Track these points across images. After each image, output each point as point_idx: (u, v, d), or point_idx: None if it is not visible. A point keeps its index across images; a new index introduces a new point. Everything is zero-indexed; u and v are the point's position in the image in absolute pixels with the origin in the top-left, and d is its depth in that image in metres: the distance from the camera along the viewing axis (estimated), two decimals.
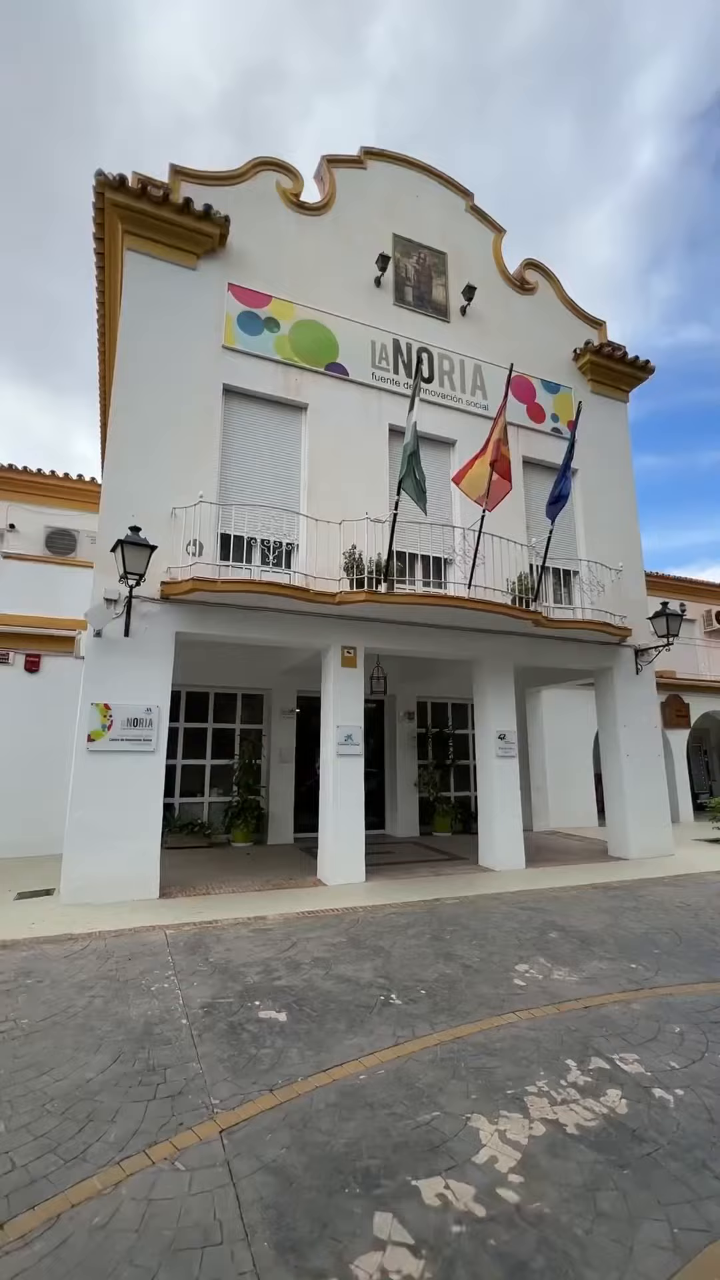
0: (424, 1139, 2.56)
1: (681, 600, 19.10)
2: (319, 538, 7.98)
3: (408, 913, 6.17)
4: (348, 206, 9.43)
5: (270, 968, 4.56)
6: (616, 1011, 3.84)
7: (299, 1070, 3.10)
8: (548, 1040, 3.44)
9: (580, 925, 5.74)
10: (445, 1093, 2.90)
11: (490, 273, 10.46)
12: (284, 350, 8.45)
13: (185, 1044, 3.37)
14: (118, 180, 7.53)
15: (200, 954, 4.86)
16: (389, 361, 9.17)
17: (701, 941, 5.29)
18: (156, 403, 7.54)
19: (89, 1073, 3.06)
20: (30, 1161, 2.40)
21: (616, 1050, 3.33)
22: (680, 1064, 3.19)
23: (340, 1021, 3.66)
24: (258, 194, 8.80)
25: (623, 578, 9.98)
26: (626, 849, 9.32)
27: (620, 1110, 2.78)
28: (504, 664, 8.94)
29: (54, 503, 12.61)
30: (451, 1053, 3.29)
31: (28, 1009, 3.81)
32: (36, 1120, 2.67)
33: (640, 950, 5.04)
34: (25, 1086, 2.93)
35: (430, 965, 4.64)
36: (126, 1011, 3.77)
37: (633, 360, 10.95)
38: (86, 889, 6.24)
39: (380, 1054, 3.27)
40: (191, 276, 8.11)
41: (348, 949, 5.01)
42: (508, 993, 4.12)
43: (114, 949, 4.96)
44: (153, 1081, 2.98)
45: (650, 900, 6.78)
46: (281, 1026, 3.59)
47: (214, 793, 10.69)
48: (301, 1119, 2.69)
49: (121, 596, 6.68)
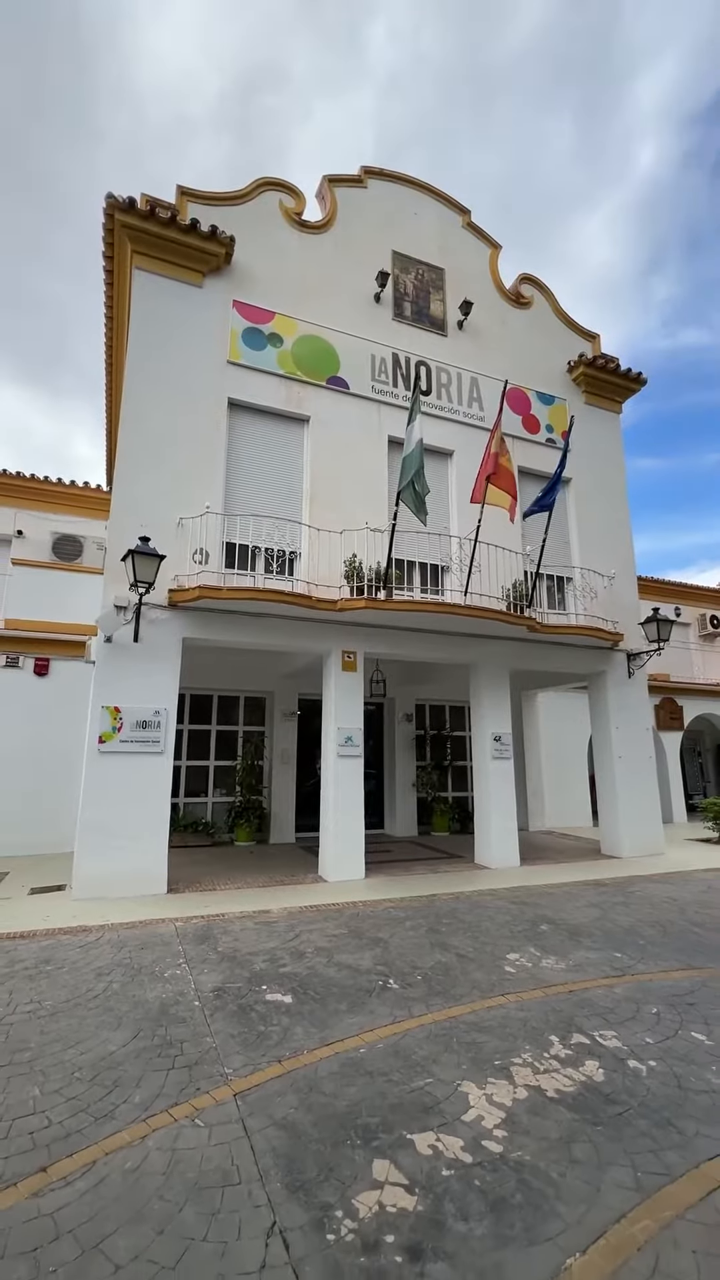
0: (418, 1101, 2.84)
1: (677, 604, 19.46)
2: (320, 546, 8.27)
3: (405, 907, 6.45)
4: (348, 224, 9.73)
5: (275, 956, 4.83)
6: (599, 995, 4.12)
7: (304, 1044, 3.38)
8: (534, 1019, 3.72)
9: (570, 919, 6.02)
10: (438, 1063, 3.18)
11: (487, 287, 10.77)
12: (287, 364, 8.74)
13: (199, 1022, 3.64)
14: (127, 202, 7.83)
15: (209, 944, 5.13)
16: (388, 375, 9.46)
17: (684, 933, 5.57)
18: (164, 416, 7.83)
19: (112, 1046, 3.34)
20: (64, 1119, 2.68)
21: (597, 1028, 3.61)
22: (655, 1040, 3.47)
23: (342, 1003, 3.93)
24: (261, 213, 9.10)
25: (615, 584, 10.28)
26: (619, 847, 9.60)
27: (597, 1078, 3.06)
28: (499, 668, 9.23)
29: (60, 509, 12.89)
30: (444, 1030, 3.57)
31: (50, 992, 4.09)
32: (67, 1085, 2.94)
33: (625, 941, 5.32)
34: (55, 1058, 3.21)
35: (426, 954, 4.91)
36: (143, 994, 4.05)
37: (625, 372, 11.26)
38: (98, 884, 6.51)
39: (379, 1031, 3.55)
40: (197, 294, 8.41)
41: (348, 940, 5.28)
42: (499, 978, 4.40)
43: (127, 939, 5.23)
44: (171, 1054, 3.26)
45: (639, 896, 7.05)
46: (287, 1007, 3.87)
47: (217, 793, 10.96)
48: (307, 1084, 2.96)
49: (131, 604, 6.96)
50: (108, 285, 8.97)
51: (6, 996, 4.00)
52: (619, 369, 11.21)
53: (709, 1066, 3.17)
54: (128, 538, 7.01)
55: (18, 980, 4.29)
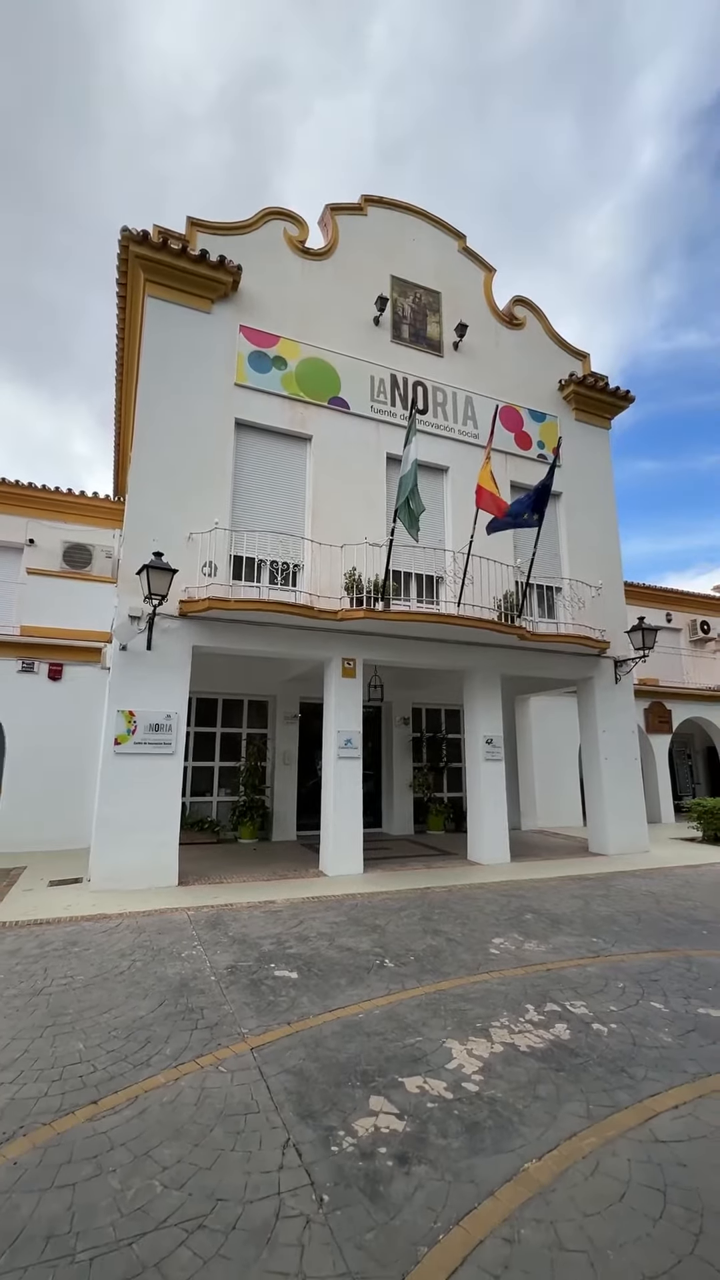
0: (408, 1054, 3.31)
1: (668, 610, 19.97)
2: (322, 559, 8.75)
3: (401, 899, 6.92)
4: (349, 250, 10.22)
5: (281, 940, 5.30)
6: (574, 972, 4.59)
7: (310, 1011, 3.85)
8: (513, 992, 4.19)
9: (553, 909, 6.50)
10: (427, 1025, 3.65)
11: (481, 309, 11.26)
12: (290, 386, 9.23)
13: (216, 993, 4.11)
14: (141, 235, 8.31)
15: (220, 929, 5.60)
16: (386, 395, 9.95)
17: (657, 922, 6.05)
18: (175, 437, 8.30)
19: (141, 1011, 3.80)
20: (107, 1066, 3.15)
21: (568, 999, 4.08)
22: (618, 1008, 3.94)
23: (343, 979, 4.40)
24: (267, 241, 9.59)
25: (603, 593, 10.76)
26: (605, 845, 10.07)
27: (564, 1037, 3.53)
28: (491, 674, 9.70)
29: (70, 518, 13.35)
30: (433, 1000, 4.04)
31: (80, 969, 4.55)
32: (107, 1041, 3.41)
33: (603, 928, 5.79)
34: (93, 1020, 3.67)
35: (419, 939, 5.39)
36: (164, 970, 4.52)
37: (614, 390, 11.75)
38: (114, 876, 6.98)
39: (375, 1001, 4.02)
40: (206, 319, 8.89)
41: (348, 926, 5.75)
42: (484, 959, 4.87)
43: (144, 925, 5.70)
44: (193, 1018, 3.73)
45: (620, 889, 7.53)
46: (294, 982, 4.34)
47: (222, 792, 11.43)
48: (313, 1041, 3.43)
49: (145, 614, 7.43)
50: (120, 310, 9.45)
51: (42, 973, 4.47)
52: (607, 387, 11.70)
53: (662, 1029, 3.64)
54: (142, 552, 7.49)
55: (50, 959, 4.76)
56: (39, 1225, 2.09)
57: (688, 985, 4.33)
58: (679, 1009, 3.92)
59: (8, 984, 4.25)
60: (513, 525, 8.86)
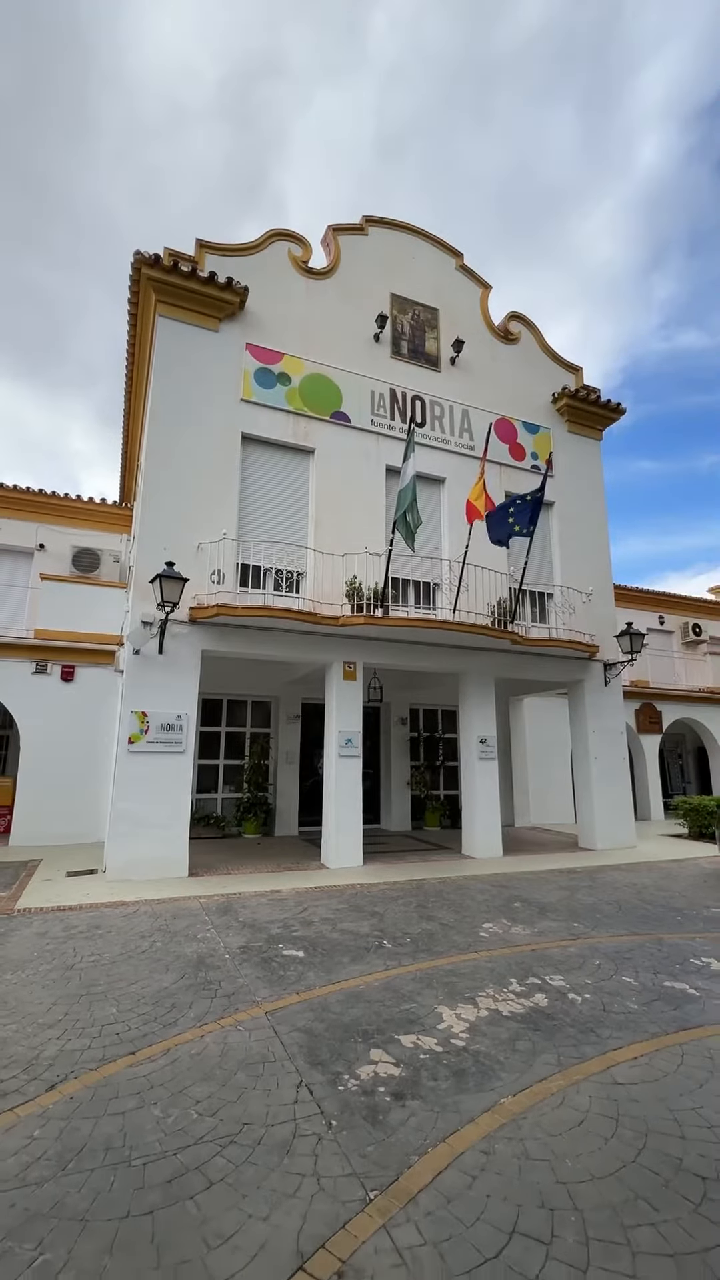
0: (404, 1017, 3.75)
1: (661, 613, 20.43)
2: (324, 566, 9.18)
3: (399, 888, 7.37)
4: (350, 269, 10.65)
5: (288, 924, 5.74)
6: (556, 952, 5.04)
7: (315, 983, 4.29)
8: (500, 968, 4.64)
9: (540, 898, 6.95)
10: (421, 995, 4.10)
11: (477, 325, 11.69)
12: (294, 401, 9.66)
13: (231, 968, 4.55)
14: (153, 258, 8.73)
15: (230, 915, 6.04)
16: (386, 409, 10.38)
17: (637, 909, 6.50)
18: (185, 451, 8.73)
19: (164, 983, 4.24)
20: (139, 1026, 3.58)
21: (549, 974, 4.53)
22: (593, 981, 4.39)
23: (345, 957, 4.85)
24: (271, 262, 10.01)
25: (593, 599, 11.21)
26: (594, 841, 10.52)
27: (542, 1004, 3.98)
28: (485, 677, 10.15)
29: (79, 524, 13.77)
30: (427, 974, 4.48)
31: (105, 948, 4.99)
32: (137, 1007, 3.85)
33: (585, 915, 6.24)
34: (122, 990, 4.11)
35: (415, 923, 5.83)
36: (182, 950, 4.96)
37: (605, 403, 12.19)
38: (128, 867, 7.41)
39: (375, 975, 4.46)
40: (214, 338, 9.31)
41: (349, 912, 6.20)
42: (474, 940, 5.32)
43: (160, 911, 6.14)
44: (212, 988, 4.17)
45: (604, 881, 7.98)
46: (301, 959, 4.78)
47: (226, 789, 11.86)
48: (320, 1007, 3.88)
49: (157, 620, 7.86)
50: (131, 328, 9.86)
51: (72, 951, 4.91)
52: (599, 400, 12.14)
53: (630, 998, 4.09)
54: (155, 562, 7.92)
55: (77, 940, 5.20)
56: (97, 1141, 2.53)
57: (657, 963, 4.78)
58: (647, 982, 4.37)
59: (42, 960, 4.68)
60: (509, 535, 9.31)
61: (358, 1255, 1.96)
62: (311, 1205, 2.18)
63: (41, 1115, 2.71)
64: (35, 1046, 3.32)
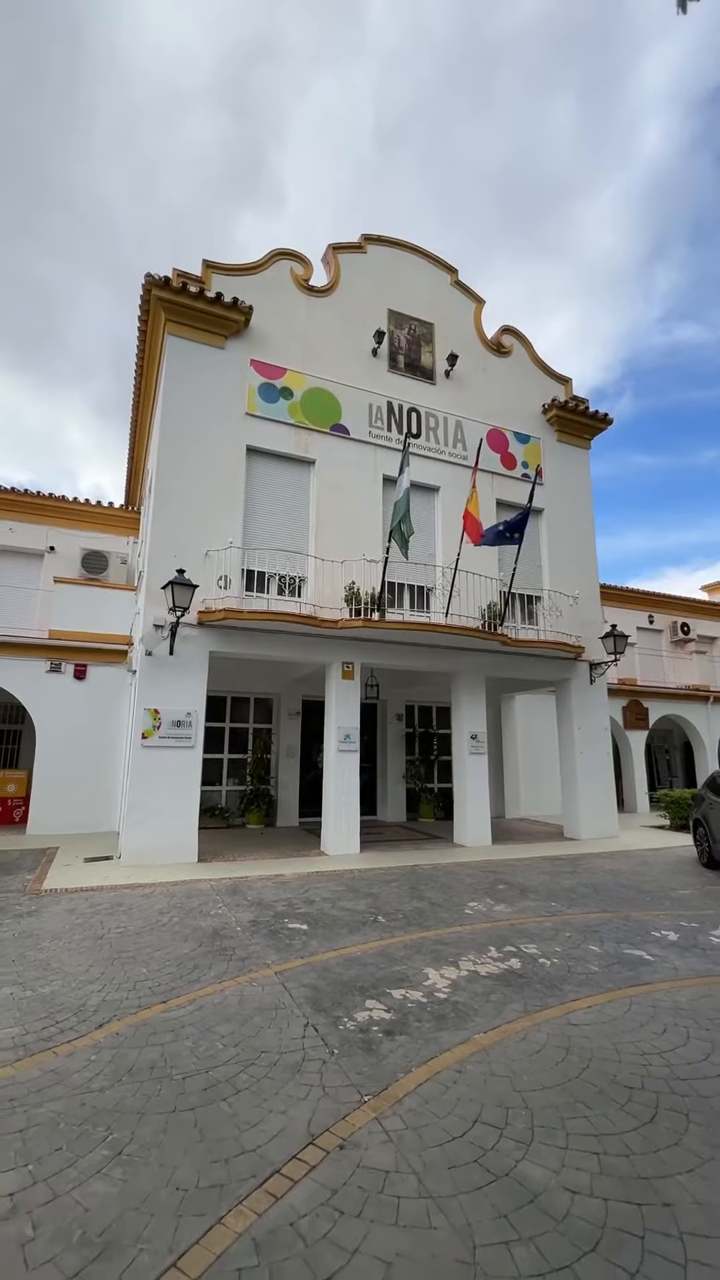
0: (395, 976, 4.34)
1: (650, 612, 21.02)
2: (324, 572, 9.73)
3: (393, 873, 7.96)
4: (349, 286, 11.15)
5: (292, 903, 6.33)
6: (532, 926, 5.63)
7: (318, 949, 4.88)
8: (481, 938, 5.23)
9: (523, 881, 7.55)
10: (410, 959, 4.69)
11: (471, 338, 12.21)
12: (296, 415, 10.18)
13: (243, 938, 5.14)
14: (163, 280, 9.23)
15: (239, 895, 6.63)
16: (383, 421, 10.91)
17: (610, 891, 7.10)
18: (193, 463, 9.26)
19: (185, 950, 4.83)
20: (168, 982, 4.17)
21: (524, 943, 5.12)
22: (562, 949, 4.99)
23: (344, 929, 5.44)
24: (274, 280, 10.51)
25: (580, 602, 11.78)
26: (578, 831, 11.13)
27: (516, 967, 4.57)
28: (476, 676, 10.72)
29: (87, 527, 14.29)
30: (416, 943, 5.07)
31: (129, 922, 5.57)
32: (163, 968, 4.43)
33: (563, 896, 6.84)
34: (148, 955, 4.70)
35: (408, 902, 6.42)
36: (198, 924, 5.54)
37: (594, 414, 12.73)
38: (142, 853, 7.99)
39: (370, 944, 5.05)
40: (220, 354, 9.83)
41: (347, 893, 6.79)
42: (460, 916, 5.91)
43: (175, 892, 6.72)
44: (227, 954, 4.75)
45: (584, 867, 8.59)
46: (305, 931, 5.37)
47: (230, 782, 12.45)
48: (322, 968, 4.46)
49: (168, 623, 8.41)
50: (140, 344, 10.37)
51: (99, 924, 5.49)
52: (587, 410, 12.68)
53: (592, 963, 4.68)
54: (165, 569, 8.46)
55: (102, 915, 5.78)
56: (143, 1063, 3.11)
57: (621, 935, 5.38)
58: (610, 950, 4.97)
59: (74, 932, 5.26)
60: (501, 542, 9.86)
61: (354, 1135, 2.55)
62: (318, 1105, 2.76)
63: (95, 1046, 3.29)
64: (81, 997, 3.91)
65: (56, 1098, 2.79)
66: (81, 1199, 2.17)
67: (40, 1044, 3.29)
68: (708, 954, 4.91)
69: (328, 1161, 2.38)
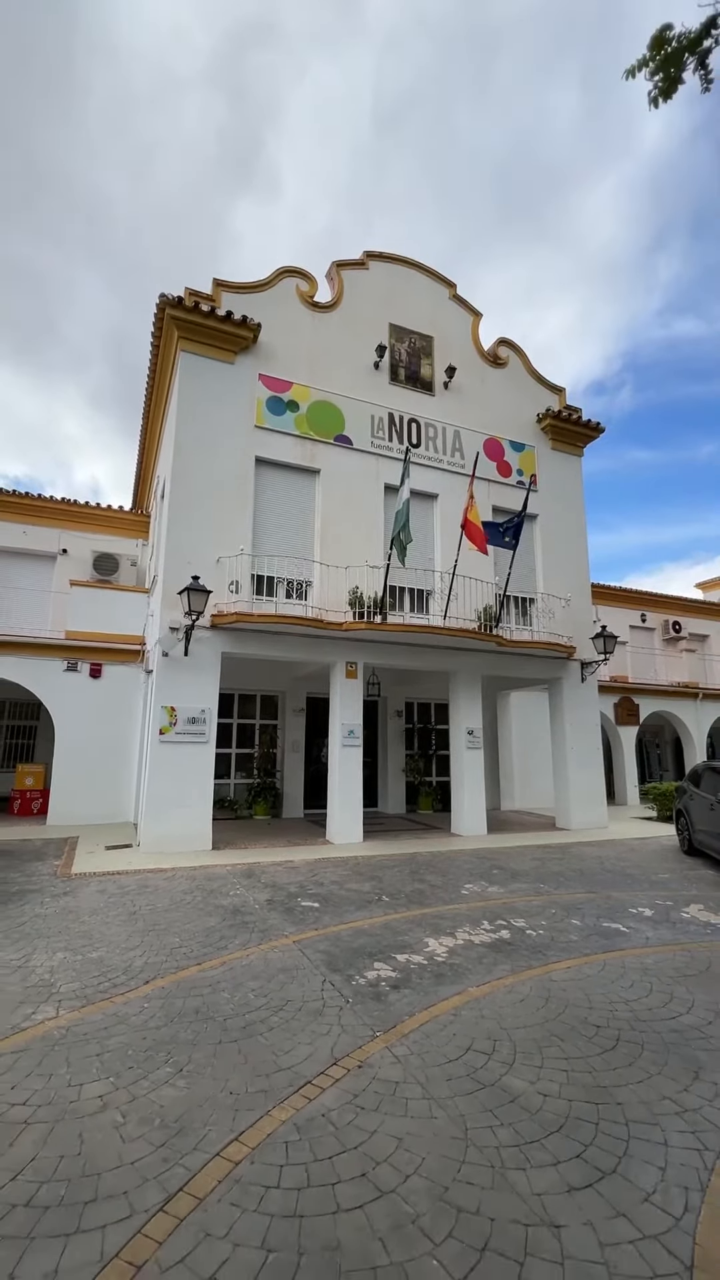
0: (399, 944, 4.93)
1: (644, 611, 21.59)
2: (329, 577, 10.28)
3: (394, 859, 8.55)
4: (352, 302, 11.64)
5: (303, 885, 6.91)
6: (522, 904, 6.22)
7: (330, 923, 5.46)
8: (475, 915, 5.82)
9: (515, 866, 8.14)
10: (412, 931, 5.27)
11: (468, 351, 12.72)
12: (302, 426, 10.70)
13: (261, 914, 5.72)
14: (176, 300, 9.73)
15: (254, 878, 7.21)
16: (384, 431, 11.44)
17: (595, 874, 7.70)
18: (205, 474, 9.78)
19: (210, 923, 5.40)
20: (199, 949, 4.74)
21: (514, 918, 5.71)
22: (547, 922, 5.57)
23: (351, 906, 6.02)
24: (281, 297, 11.01)
25: (572, 603, 12.35)
26: (570, 822, 11.74)
27: (505, 937, 5.15)
28: (473, 675, 11.29)
29: (98, 530, 14.80)
30: (417, 918, 5.66)
31: (157, 901, 6.15)
32: (193, 938, 5.01)
33: (551, 879, 7.44)
34: (178, 929, 5.27)
35: (408, 884, 7.01)
36: (219, 902, 6.12)
37: (586, 423, 13.27)
38: (160, 841, 8.57)
39: (375, 919, 5.63)
40: (230, 369, 10.34)
41: (353, 876, 7.38)
42: (456, 896, 6.50)
43: (194, 875, 7.30)
44: (249, 927, 5.33)
45: (573, 854, 9.19)
46: (316, 908, 5.95)
47: (238, 775, 13.02)
48: (334, 938, 5.05)
49: (184, 626, 8.96)
50: (153, 358, 10.87)
51: (130, 903, 6.06)
52: (580, 419, 13.21)
53: (573, 934, 5.27)
54: (180, 575, 9.01)
55: (131, 895, 6.35)
56: (187, 1009, 3.69)
57: (601, 911, 5.97)
58: (590, 924, 5.56)
59: (109, 909, 5.84)
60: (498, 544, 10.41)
61: (370, 1059, 3.13)
62: (339, 1039, 3.34)
63: (145, 998, 3.86)
64: (126, 960, 4.48)
65: (121, 1034, 3.37)
66: (156, 1099, 2.75)
67: (99, 995, 3.87)
68: (677, 927, 5.51)
69: (349, 1076, 2.96)
